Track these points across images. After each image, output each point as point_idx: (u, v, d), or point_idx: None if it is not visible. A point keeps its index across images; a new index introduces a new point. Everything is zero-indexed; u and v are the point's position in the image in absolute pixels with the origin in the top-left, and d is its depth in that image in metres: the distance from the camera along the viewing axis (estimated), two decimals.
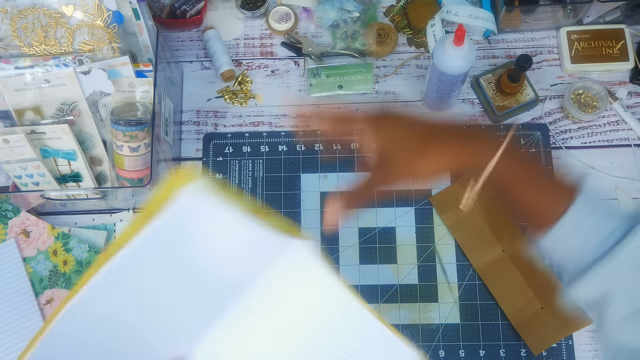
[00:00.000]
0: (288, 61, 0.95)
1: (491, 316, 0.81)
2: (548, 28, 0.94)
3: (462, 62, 0.76)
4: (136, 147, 0.77)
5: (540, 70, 0.92)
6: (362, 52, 0.93)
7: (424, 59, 0.94)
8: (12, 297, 0.81)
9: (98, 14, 0.74)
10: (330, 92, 0.92)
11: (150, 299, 0.49)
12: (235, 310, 0.53)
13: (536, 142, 0.88)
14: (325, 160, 0.88)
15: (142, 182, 0.79)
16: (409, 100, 0.92)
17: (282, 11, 0.95)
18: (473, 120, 0.90)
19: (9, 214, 0.85)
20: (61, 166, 0.80)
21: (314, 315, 0.54)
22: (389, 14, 0.96)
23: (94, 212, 0.87)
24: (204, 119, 0.92)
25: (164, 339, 0.53)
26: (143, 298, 0.48)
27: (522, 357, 0.79)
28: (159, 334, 0.52)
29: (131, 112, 0.79)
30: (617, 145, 0.88)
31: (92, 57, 0.76)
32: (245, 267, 0.53)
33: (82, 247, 0.83)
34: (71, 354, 0.47)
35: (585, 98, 0.89)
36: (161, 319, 0.51)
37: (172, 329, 0.53)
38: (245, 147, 0.90)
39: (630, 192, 0.85)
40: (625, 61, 0.90)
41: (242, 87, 0.93)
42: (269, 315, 0.54)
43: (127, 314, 0.48)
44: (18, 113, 0.77)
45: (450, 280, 0.82)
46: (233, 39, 0.96)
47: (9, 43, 0.75)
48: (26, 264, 0.83)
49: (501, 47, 0.94)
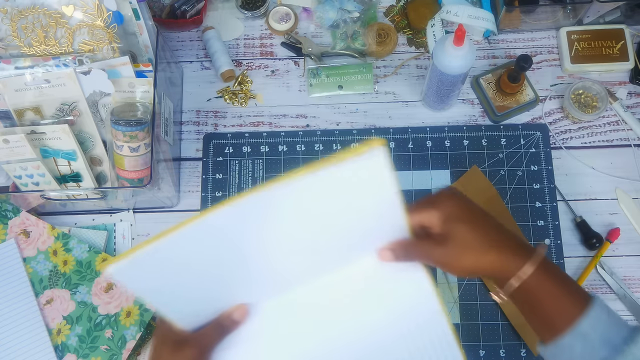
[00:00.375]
0: (288, 61, 0.95)
1: (491, 316, 0.81)
2: (548, 28, 0.94)
3: (462, 62, 0.76)
4: (136, 147, 0.77)
5: (540, 70, 0.92)
6: (362, 52, 0.93)
7: (424, 59, 0.94)
8: (12, 297, 0.81)
9: (98, 14, 0.74)
10: (330, 92, 0.92)
11: (258, 242, 0.48)
12: (322, 282, 0.54)
13: (536, 142, 0.88)
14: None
15: (142, 182, 0.79)
16: (409, 100, 0.92)
17: (282, 11, 0.95)
18: (473, 121, 0.90)
19: (9, 214, 0.85)
20: (61, 166, 0.80)
21: (394, 308, 0.54)
22: (389, 14, 0.96)
23: (94, 212, 0.87)
24: (204, 119, 0.92)
25: (245, 283, 0.52)
26: (253, 239, 0.47)
27: (522, 357, 0.79)
28: (244, 277, 0.51)
29: (131, 112, 0.79)
30: (617, 145, 0.88)
31: (92, 57, 0.76)
32: (358, 245, 0.53)
33: (82, 247, 0.83)
34: (163, 271, 0.46)
35: (585, 98, 0.89)
36: (254, 264, 0.50)
37: (257, 277, 0.52)
38: (245, 147, 0.90)
39: (630, 192, 0.85)
40: (625, 61, 0.90)
41: (242, 87, 0.93)
42: (349, 297, 0.54)
43: (232, 249, 0.47)
44: (18, 113, 0.77)
45: (450, 280, 0.82)
46: (233, 39, 0.96)
47: (9, 43, 0.75)
48: (26, 264, 0.83)
49: (501, 47, 0.94)
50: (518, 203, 0.85)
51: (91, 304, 0.81)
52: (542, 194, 0.85)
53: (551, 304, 0.51)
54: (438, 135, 0.89)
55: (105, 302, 0.81)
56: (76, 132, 0.79)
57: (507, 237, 0.53)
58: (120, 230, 0.86)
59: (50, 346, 0.79)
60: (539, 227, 0.84)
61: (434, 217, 0.53)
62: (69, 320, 0.80)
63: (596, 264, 0.82)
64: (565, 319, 0.50)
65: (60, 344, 0.79)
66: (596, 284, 0.82)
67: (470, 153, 0.88)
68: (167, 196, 0.84)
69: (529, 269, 0.51)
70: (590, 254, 0.83)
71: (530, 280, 0.51)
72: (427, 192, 0.86)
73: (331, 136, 0.89)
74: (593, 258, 0.82)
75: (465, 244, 0.52)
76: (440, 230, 0.53)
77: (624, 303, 0.81)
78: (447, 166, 0.87)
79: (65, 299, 0.81)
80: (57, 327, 0.80)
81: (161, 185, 0.80)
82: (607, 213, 0.85)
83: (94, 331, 0.80)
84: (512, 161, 0.87)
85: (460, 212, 0.53)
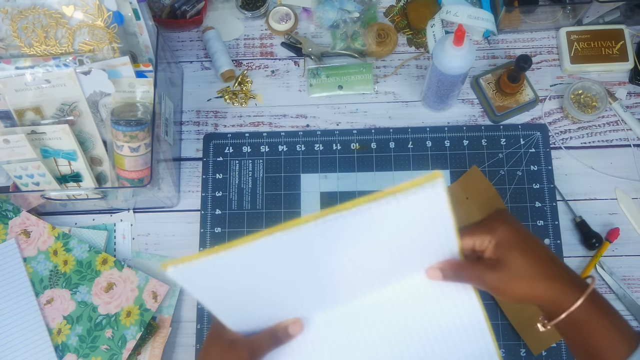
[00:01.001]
0: (288, 61, 0.95)
1: (491, 316, 0.81)
2: (548, 28, 0.94)
3: (462, 62, 0.76)
4: (136, 147, 0.77)
5: (540, 70, 0.92)
6: (362, 52, 0.93)
7: (423, 59, 0.94)
8: (12, 297, 0.81)
9: (98, 14, 0.74)
10: (330, 92, 0.92)
11: (322, 260, 0.49)
12: (371, 298, 0.55)
13: (536, 142, 0.88)
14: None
15: (142, 182, 0.79)
16: (409, 100, 0.92)
17: (282, 11, 0.95)
18: (473, 121, 0.90)
19: (10, 214, 0.85)
20: (61, 166, 0.80)
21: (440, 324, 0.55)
22: (389, 14, 0.96)
23: (94, 212, 0.87)
24: (204, 119, 0.92)
25: (303, 297, 0.54)
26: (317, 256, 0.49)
27: (522, 357, 0.79)
28: (303, 291, 0.53)
29: (131, 112, 0.79)
30: (616, 145, 0.88)
31: (92, 58, 0.76)
32: (409, 264, 0.54)
33: (82, 247, 0.83)
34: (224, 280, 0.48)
35: (585, 98, 0.89)
36: (314, 280, 0.52)
37: (315, 292, 0.54)
38: (245, 147, 0.90)
39: (629, 192, 0.86)
40: (625, 61, 0.90)
41: (242, 87, 0.93)
42: (397, 314, 0.55)
43: (298, 265, 0.49)
44: (18, 113, 0.77)
45: None
46: (233, 39, 0.96)
47: (10, 43, 0.75)
48: (26, 264, 0.83)
49: (501, 47, 0.94)
50: (518, 203, 0.85)
51: (91, 304, 0.81)
52: (541, 194, 0.85)
53: (599, 339, 0.51)
54: (438, 135, 0.89)
55: (105, 302, 0.81)
56: (76, 132, 0.79)
57: (560, 267, 0.53)
58: (120, 230, 0.86)
59: (50, 346, 0.79)
60: (538, 227, 0.84)
61: (487, 242, 0.53)
62: (69, 320, 0.80)
63: (596, 264, 0.82)
64: (613, 356, 0.50)
65: (60, 344, 0.80)
66: (596, 284, 0.82)
67: (470, 153, 0.88)
68: (167, 196, 0.84)
69: (580, 301, 0.51)
70: (590, 254, 0.83)
71: (579, 312, 0.51)
72: None
73: (331, 136, 0.90)
74: (593, 258, 0.82)
75: (518, 272, 0.52)
76: (493, 255, 0.53)
77: (623, 303, 0.81)
78: (447, 166, 0.87)
79: (65, 299, 0.81)
80: (58, 327, 0.80)
81: (161, 185, 0.80)
82: (606, 213, 0.85)
83: (94, 331, 0.80)
84: (511, 161, 0.87)
85: (514, 238, 0.53)
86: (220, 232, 0.86)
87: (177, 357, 0.82)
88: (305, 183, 0.88)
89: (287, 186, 0.88)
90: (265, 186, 0.88)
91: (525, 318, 0.79)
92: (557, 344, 0.79)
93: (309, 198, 0.87)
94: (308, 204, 0.87)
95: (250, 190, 0.88)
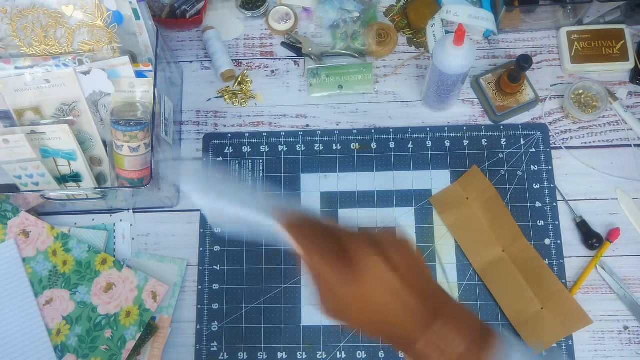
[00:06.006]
0: (288, 61, 0.95)
1: (491, 316, 0.81)
2: (548, 28, 0.94)
3: (462, 62, 0.76)
4: (136, 147, 0.77)
5: (540, 70, 0.92)
6: (362, 52, 0.93)
7: (424, 59, 0.94)
8: (11, 297, 0.81)
9: (98, 14, 0.74)
10: (330, 92, 0.92)
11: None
12: None
13: (536, 142, 0.88)
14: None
15: (142, 182, 0.79)
16: (409, 100, 0.92)
17: (282, 11, 0.95)
18: (473, 121, 0.90)
19: (9, 214, 0.84)
20: (61, 166, 0.80)
21: None
22: (389, 14, 0.96)
23: (93, 212, 0.87)
24: (204, 119, 0.92)
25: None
26: None
27: None
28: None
29: (131, 112, 0.79)
30: (617, 145, 0.88)
31: (92, 57, 0.76)
32: None
33: (81, 247, 0.83)
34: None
35: (585, 98, 0.89)
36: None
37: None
38: (245, 147, 0.90)
39: (630, 192, 0.85)
40: (625, 61, 0.90)
41: (242, 87, 0.93)
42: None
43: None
44: (18, 113, 0.77)
45: (450, 280, 0.82)
46: (233, 39, 0.96)
47: (9, 43, 0.75)
48: (26, 264, 0.83)
49: (501, 47, 0.94)
50: (518, 203, 0.85)
51: (91, 304, 0.81)
52: (542, 194, 0.85)
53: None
54: (438, 135, 0.89)
55: (104, 302, 0.81)
56: (76, 132, 0.79)
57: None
58: (120, 230, 0.86)
59: (50, 346, 0.79)
60: (539, 227, 0.84)
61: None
62: (69, 320, 0.80)
63: (596, 264, 0.82)
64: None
65: (60, 344, 0.79)
66: (596, 284, 0.82)
67: (470, 153, 0.88)
68: (167, 196, 0.84)
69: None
70: (591, 254, 0.83)
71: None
72: (427, 192, 0.86)
73: (331, 136, 0.89)
74: (593, 258, 0.82)
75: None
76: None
77: (624, 303, 0.81)
78: (447, 166, 0.87)
79: (64, 299, 0.81)
80: (57, 327, 0.80)
81: (161, 185, 0.80)
82: (607, 213, 0.85)
83: (94, 331, 0.80)
84: (512, 161, 0.87)
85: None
86: (220, 232, 0.86)
87: (176, 357, 0.82)
88: (305, 183, 0.88)
89: (287, 186, 0.88)
90: (265, 186, 0.88)
91: (526, 318, 0.79)
92: (557, 344, 0.79)
93: (309, 198, 0.87)
94: (308, 204, 0.86)
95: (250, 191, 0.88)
